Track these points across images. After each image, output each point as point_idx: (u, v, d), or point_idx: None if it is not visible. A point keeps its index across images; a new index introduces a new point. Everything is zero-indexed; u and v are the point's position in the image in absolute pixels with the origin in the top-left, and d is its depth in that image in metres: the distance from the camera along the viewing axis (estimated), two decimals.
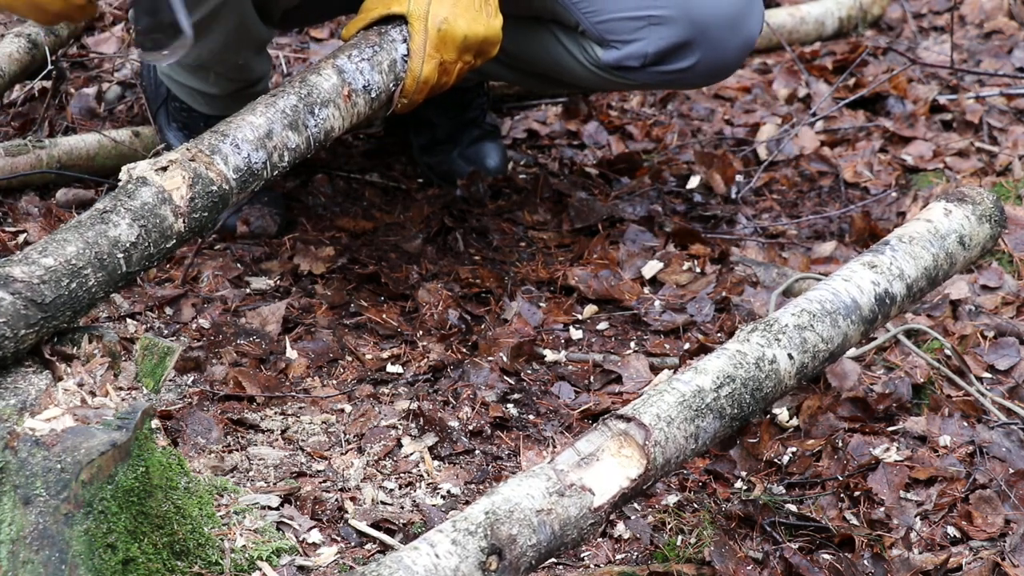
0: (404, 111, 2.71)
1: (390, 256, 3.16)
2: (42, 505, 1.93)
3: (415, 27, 2.65)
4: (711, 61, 2.95)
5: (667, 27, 2.91)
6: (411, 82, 2.65)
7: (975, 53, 4.27)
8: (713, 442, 2.16)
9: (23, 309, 2.05)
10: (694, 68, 2.95)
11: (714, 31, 2.91)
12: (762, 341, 2.24)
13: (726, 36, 2.92)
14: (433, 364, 2.82)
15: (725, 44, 2.93)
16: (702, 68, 2.95)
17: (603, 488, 1.99)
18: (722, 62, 2.97)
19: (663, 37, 2.92)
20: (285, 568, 2.24)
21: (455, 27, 2.64)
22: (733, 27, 2.92)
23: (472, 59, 2.70)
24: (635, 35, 2.94)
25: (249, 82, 3.05)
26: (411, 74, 2.65)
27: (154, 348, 2.18)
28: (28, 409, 2.02)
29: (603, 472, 2.01)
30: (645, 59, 2.95)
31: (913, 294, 2.46)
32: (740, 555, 2.36)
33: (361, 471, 2.54)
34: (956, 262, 2.54)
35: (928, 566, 2.35)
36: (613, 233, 3.27)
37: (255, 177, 2.42)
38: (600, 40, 2.97)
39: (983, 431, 2.64)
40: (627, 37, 2.94)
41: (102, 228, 2.18)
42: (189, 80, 3.09)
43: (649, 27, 2.92)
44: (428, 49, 2.64)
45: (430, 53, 2.64)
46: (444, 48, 2.65)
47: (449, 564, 1.84)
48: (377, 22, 2.68)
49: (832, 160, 3.67)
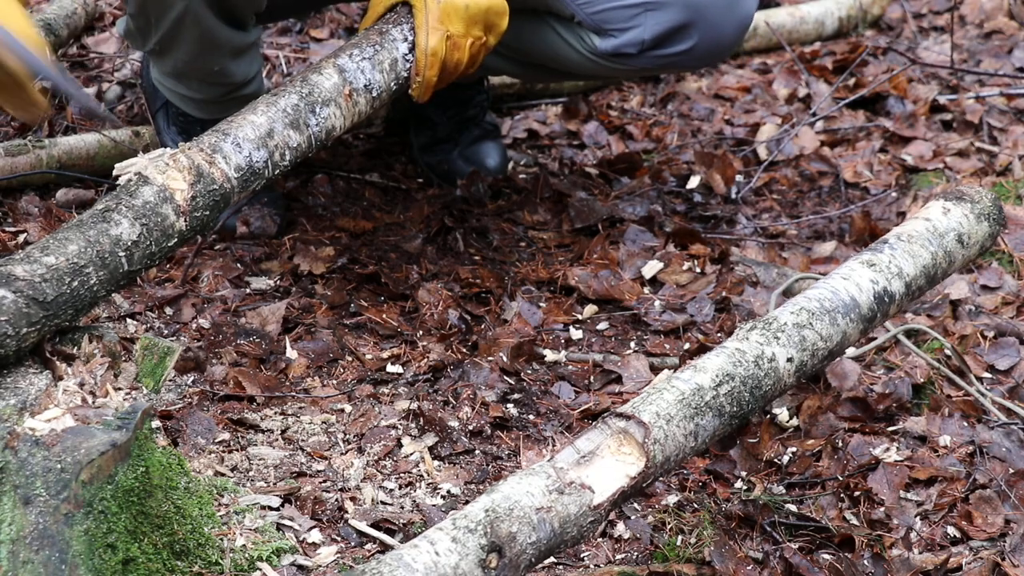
0: (422, 97, 2.72)
1: (390, 256, 3.16)
2: (42, 505, 1.93)
3: (417, 5, 2.69)
4: (709, 42, 2.95)
5: (664, 11, 2.92)
6: (420, 56, 2.68)
7: (975, 53, 4.27)
8: (712, 440, 2.16)
9: (25, 307, 2.05)
10: (692, 50, 2.96)
11: (711, 11, 2.92)
12: (761, 339, 2.24)
13: (723, 16, 2.93)
14: (433, 364, 2.82)
15: (722, 24, 2.94)
16: (700, 50, 2.96)
17: (603, 486, 2.00)
18: (720, 42, 2.98)
19: (660, 22, 2.93)
20: (285, 568, 2.24)
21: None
22: (729, 7, 2.93)
23: (482, 34, 2.72)
24: (632, 22, 2.95)
25: (233, 86, 3.05)
26: (418, 48, 2.68)
27: (154, 348, 2.18)
28: (28, 409, 2.02)
29: (603, 470, 2.01)
30: (643, 45, 2.95)
31: (912, 292, 2.46)
32: (740, 555, 2.36)
33: (361, 471, 2.54)
34: (955, 260, 2.55)
35: (928, 566, 2.35)
36: (613, 233, 3.27)
37: (256, 176, 2.42)
38: (597, 29, 2.98)
39: (983, 431, 2.64)
40: (624, 25, 2.95)
41: (104, 227, 2.19)
42: (177, 87, 3.10)
43: (645, 13, 2.93)
44: (432, 22, 2.67)
45: (434, 26, 2.67)
46: (448, 19, 2.68)
47: (449, 562, 1.84)
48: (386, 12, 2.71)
49: (832, 160, 3.67)
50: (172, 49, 2.90)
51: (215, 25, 2.88)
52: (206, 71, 2.99)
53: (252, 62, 3.06)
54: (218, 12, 2.86)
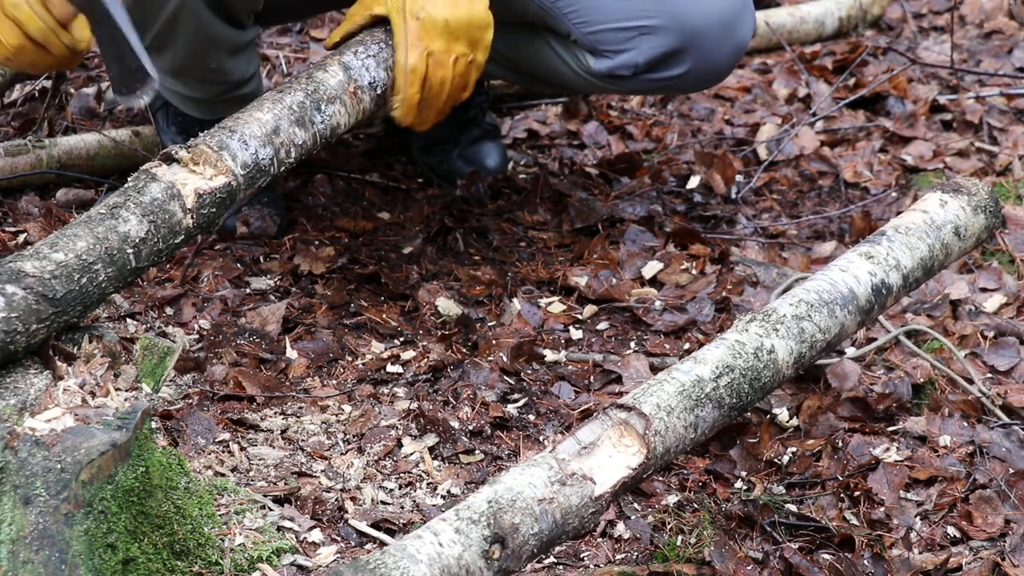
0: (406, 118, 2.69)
1: (390, 256, 3.16)
2: (42, 505, 1.93)
3: (395, 20, 2.66)
4: (702, 68, 2.95)
5: (657, 36, 2.91)
6: (399, 74, 2.65)
7: (975, 53, 4.27)
8: (711, 431, 2.17)
9: (35, 304, 2.05)
10: (686, 75, 2.95)
11: (705, 38, 2.91)
12: (760, 331, 2.25)
13: (717, 43, 2.92)
14: (433, 364, 2.82)
15: (716, 51, 2.93)
16: (694, 75, 2.96)
17: (604, 477, 2.00)
18: (714, 68, 2.97)
19: (653, 47, 2.92)
20: (285, 568, 2.24)
21: (434, 13, 2.64)
22: (724, 33, 2.92)
23: (467, 50, 2.69)
24: (626, 45, 2.94)
25: (231, 84, 3.05)
26: (397, 66, 2.65)
27: (154, 348, 2.18)
28: (28, 409, 2.02)
29: (604, 461, 2.02)
30: (636, 68, 2.95)
31: (909, 284, 2.48)
32: (740, 555, 2.36)
33: (361, 471, 2.54)
34: (951, 252, 2.56)
35: (928, 566, 2.35)
36: (613, 233, 3.27)
37: (262, 173, 2.42)
38: (592, 49, 2.97)
39: (983, 431, 2.64)
40: (618, 47, 2.94)
41: (112, 223, 2.19)
42: (175, 86, 3.10)
43: (640, 37, 2.92)
44: (411, 39, 2.64)
45: (413, 42, 2.64)
46: (427, 36, 2.65)
47: (452, 553, 1.85)
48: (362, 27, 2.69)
49: (832, 160, 3.67)
50: (169, 45, 2.90)
51: (211, 21, 2.87)
52: (203, 68, 2.99)
53: (250, 61, 3.06)
54: (214, 8, 2.86)
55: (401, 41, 2.65)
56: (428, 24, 2.64)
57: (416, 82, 2.66)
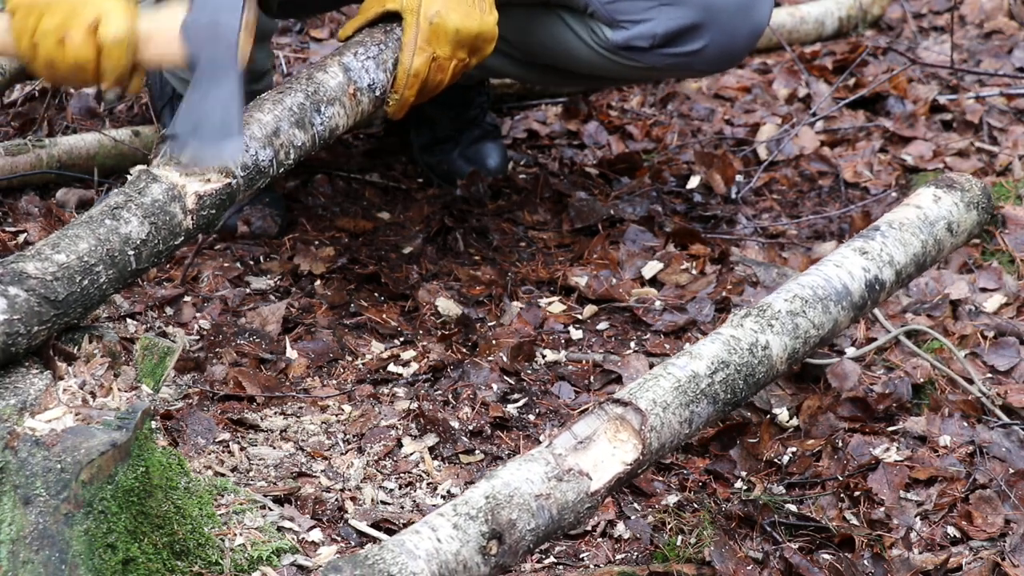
0: (397, 114, 2.70)
1: (390, 256, 3.16)
2: (42, 505, 1.93)
3: (408, 20, 2.66)
4: (720, 45, 2.96)
5: (678, 8, 2.94)
6: (401, 75, 2.65)
7: (975, 53, 4.27)
8: (705, 426, 2.18)
9: (37, 306, 2.05)
10: (703, 52, 2.96)
11: (724, 15, 2.94)
12: (756, 327, 2.25)
13: (736, 21, 2.95)
14: (433, 364, 2.82)
15: (735, 29, 2.95)
16: (711, 52, 2.97)
17: (600, 473, 2.01)
18: (731, 47, 2.99)
19: (673, 18, 2.94)
20: (285, 568, 2.24)
21: (447, 20, 2.65)
22: (743, 14, 2.95)
23: (467, 57, 2.70)
24: (645, 15, 2.96)
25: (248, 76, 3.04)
26: (401, 67, 2.65)
27: (154, 348, 2.18)
28: (28, 409, 2.02)
29: (600, 456, 2.02)
30: (654, 40, 2.96)
31: (902, 280, 2.49)
32: (740, 555, 2.36)
33: (361, 471, 2.54)
34: (944, 248, 2.57)
35: (928, 566, 2.35)
36: (613, 233, 3.27)
37: (262, 174, 2.42)
38: (610, 21, 2.98)
39: (983, 431, 2.64)
40: (637, 17, 2.96)
41: (113, 225, 2.19)
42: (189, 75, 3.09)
43: (660, 7, 2.94)
44: (419, 42, 2.65)
45: (421, 46, 2.65)
46: (436, 41, 2.65)
47: (450, 548, 1.85)
48: (374, 21, 2.69)
49: (832, 160, 3.67)
50: None
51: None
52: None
53: (268, 55, 3.05)
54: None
55: (409, 42, 2.65)
56: (439, 30, 2.65)
57: (416, 84, 2.66)
